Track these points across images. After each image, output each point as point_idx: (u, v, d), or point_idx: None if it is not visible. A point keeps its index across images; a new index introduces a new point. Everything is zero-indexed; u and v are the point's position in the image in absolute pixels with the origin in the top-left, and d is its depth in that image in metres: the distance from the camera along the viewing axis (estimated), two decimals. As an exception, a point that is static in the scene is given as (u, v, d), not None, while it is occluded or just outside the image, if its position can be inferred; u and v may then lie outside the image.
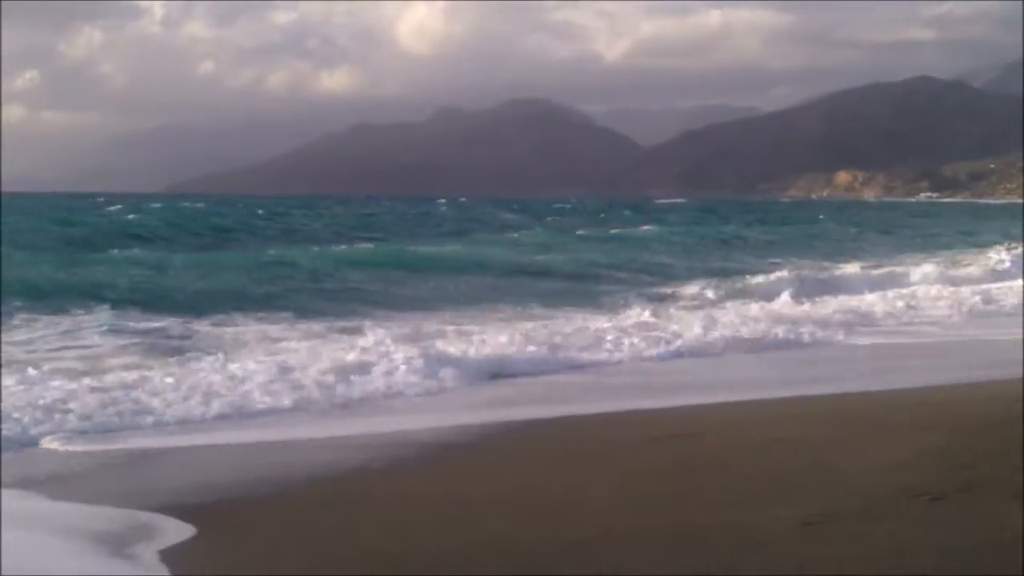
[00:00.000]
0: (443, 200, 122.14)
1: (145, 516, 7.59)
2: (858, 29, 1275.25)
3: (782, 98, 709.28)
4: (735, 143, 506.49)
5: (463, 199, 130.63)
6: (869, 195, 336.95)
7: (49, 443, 10.02)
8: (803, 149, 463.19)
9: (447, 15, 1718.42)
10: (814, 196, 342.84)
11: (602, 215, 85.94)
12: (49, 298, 20.67)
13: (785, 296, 23.81)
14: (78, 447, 9.93)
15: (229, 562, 6.68)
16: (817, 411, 11.52)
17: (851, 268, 33.89)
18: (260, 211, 74.42)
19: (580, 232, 53.62)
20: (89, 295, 21.22)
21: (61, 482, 8.70)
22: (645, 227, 58.63)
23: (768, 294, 25.01)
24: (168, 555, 6.70)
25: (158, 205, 75.20)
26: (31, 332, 17.28)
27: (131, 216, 56.96)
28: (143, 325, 18.10)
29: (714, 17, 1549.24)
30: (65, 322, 18.18)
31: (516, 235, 50.62)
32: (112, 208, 67.96)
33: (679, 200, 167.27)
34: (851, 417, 10.84)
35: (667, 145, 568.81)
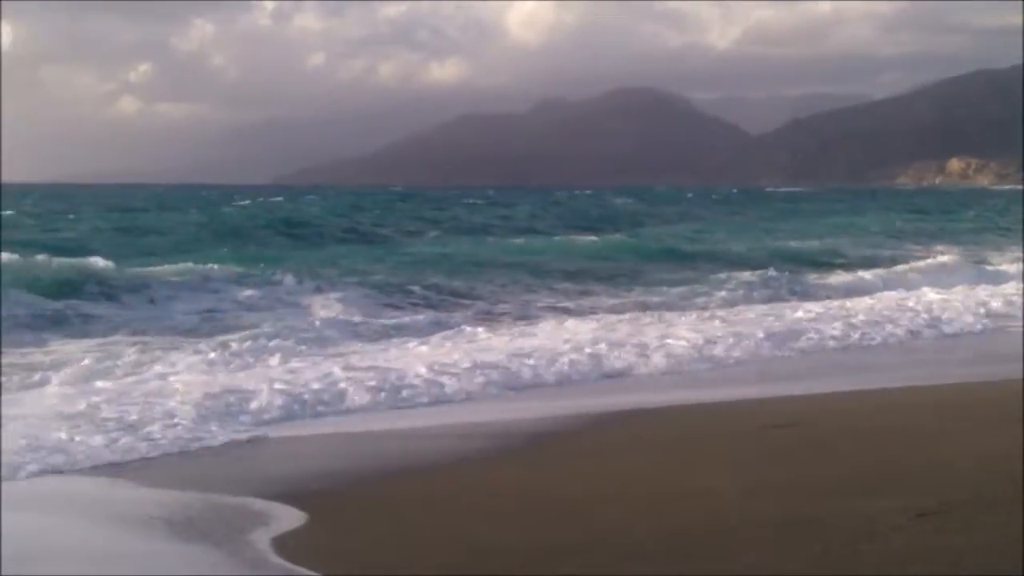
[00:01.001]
0: (561, 192, 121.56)
1: (259, 504, 7.66)
2: (969, 14, 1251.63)
3: (892, 85, 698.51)
4: (844, 131, 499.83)
5: (588, 191, 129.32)
6: (983, 183, 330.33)
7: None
8: (912, 136, 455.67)
9: (558, 5, 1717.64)
10: (925, 183, 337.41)
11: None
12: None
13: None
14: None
15: (339, 549, 6.74)
16: (926, 400, 11.37)
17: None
18: (402, 202, 74.96)
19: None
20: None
21: (175, 469, 8.86)
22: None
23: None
24: (280, 542, 6.75)
25: (279, 198, 76.04)
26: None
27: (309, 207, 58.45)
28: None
29: (825, 4, 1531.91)
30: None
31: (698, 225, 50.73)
32: (243, 202, 68.87)
33: (795, 189, 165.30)
34: (957, 406, 10.69)
35: (775, 134, 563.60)
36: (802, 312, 19.48)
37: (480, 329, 17.42)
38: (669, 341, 15.64)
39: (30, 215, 52.28)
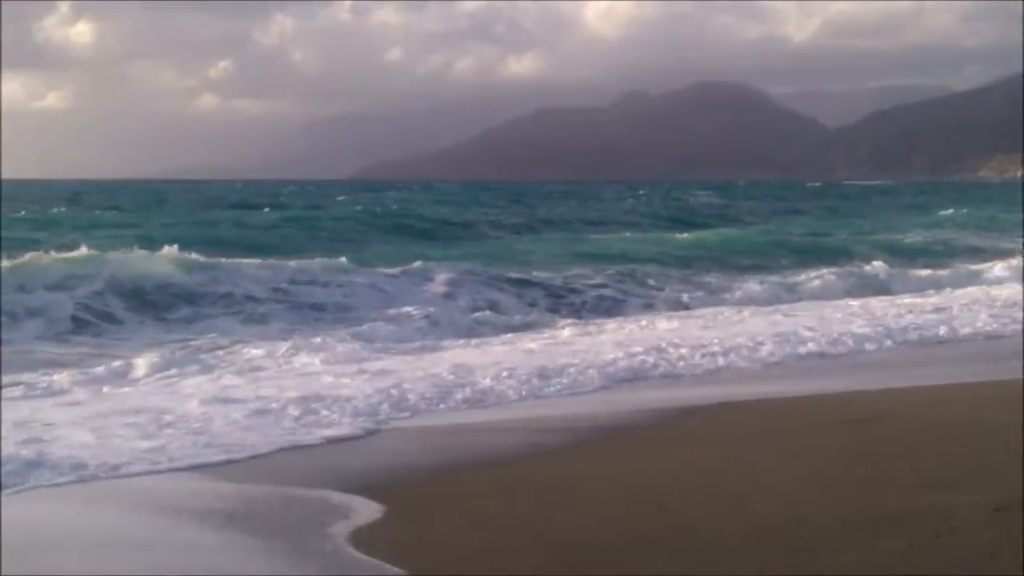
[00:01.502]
0: (642, 186, 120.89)
1: (338, 497, 7.72)
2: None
3: (975, 77, 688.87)
4: (925, 123, 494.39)
5: (667, 183, 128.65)
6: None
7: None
8: (994, 129, 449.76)
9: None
10: (1007, 176, 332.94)
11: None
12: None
13: None
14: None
15: (417, 543, 6.73)
16: (1003, 396, 11.13)
17: None
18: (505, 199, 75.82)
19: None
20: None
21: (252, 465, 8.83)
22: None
23: None
24: (358, 536, 6.79)
25: (342, 197, 77.17)
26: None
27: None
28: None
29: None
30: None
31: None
32: (341, 198, 70.34)
33: (877, 182, 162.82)
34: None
35: (854, 127, 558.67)
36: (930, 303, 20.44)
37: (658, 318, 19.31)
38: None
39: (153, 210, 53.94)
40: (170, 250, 22.45)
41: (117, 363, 13.59)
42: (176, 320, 18.74)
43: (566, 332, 17.23)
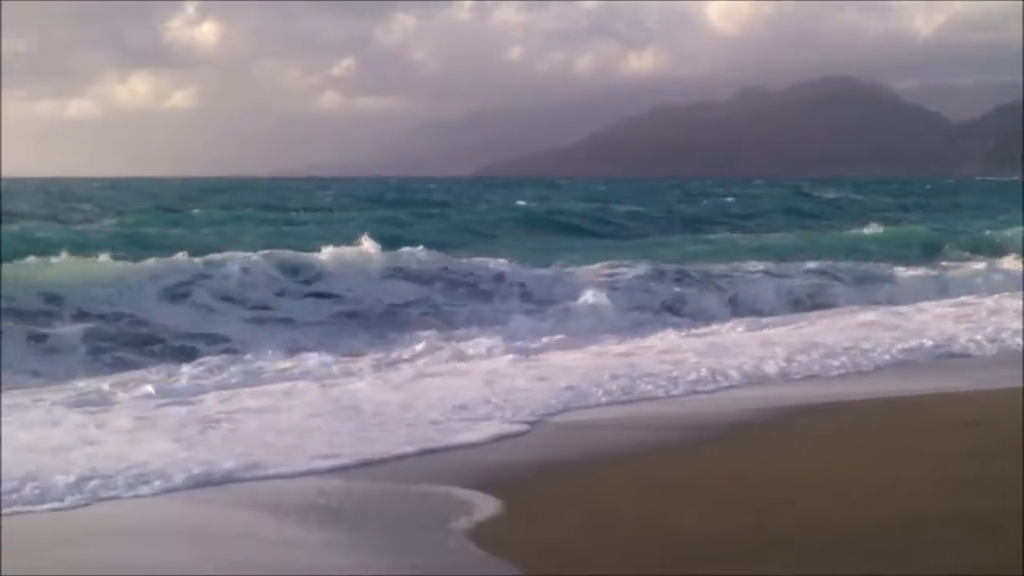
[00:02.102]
0: (760, 180, 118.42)
1: (462, 493, 7.81)
2: None
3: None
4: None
5: (788, 180, 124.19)
6: None
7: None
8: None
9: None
10: None
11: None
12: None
13: None
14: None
15: (537, 539, 6.81)
16: None
17: None
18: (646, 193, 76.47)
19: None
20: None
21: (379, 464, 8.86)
22: None
23: None
24: (480, 532, 6.91)
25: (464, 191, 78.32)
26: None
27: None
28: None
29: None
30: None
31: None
32: (490, 197, 70.32)
33: (1009, 178, 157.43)
34: None
35: (980, 121, 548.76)
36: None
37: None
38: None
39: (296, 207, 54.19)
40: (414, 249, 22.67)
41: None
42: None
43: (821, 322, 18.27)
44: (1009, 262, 28.34)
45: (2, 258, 18.64)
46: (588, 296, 19.98)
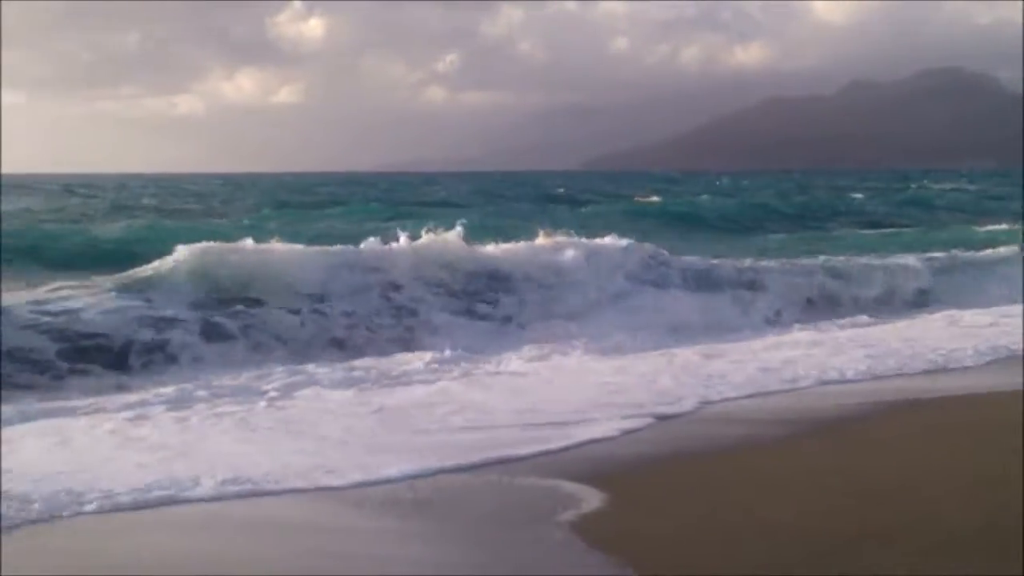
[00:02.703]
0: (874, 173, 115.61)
1: (568, 487, 7.87)
2: None
3: None
4: None
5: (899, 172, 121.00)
6: None
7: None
8: None
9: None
10: None
11: None
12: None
13: None
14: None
15: (641, 532, 6.89)
16: None
17: None
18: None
19: None
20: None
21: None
22: None
23: None
24: (584, 525, 6.98)
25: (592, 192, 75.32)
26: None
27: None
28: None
29: None
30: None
31: None
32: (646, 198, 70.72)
33: None
34: None
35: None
36: None
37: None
38: None
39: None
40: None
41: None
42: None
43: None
44: None
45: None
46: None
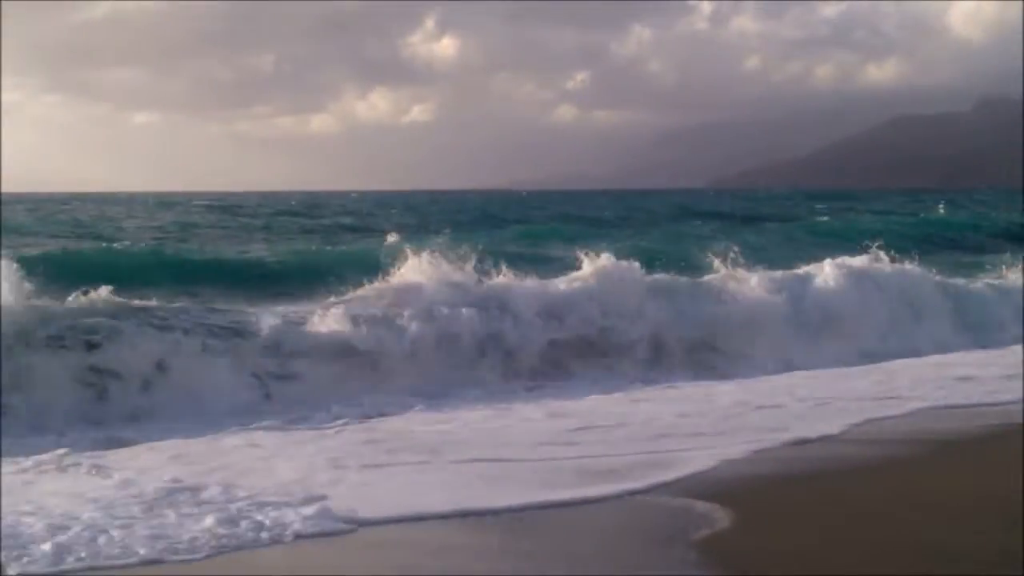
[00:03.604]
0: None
1: (700, 506, 8.02)
2: None
3: None
4: None
5: None
6: None
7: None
8: None
9: (1001, 3, 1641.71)
10: None
11: None
12: None
13: None
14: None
15: (771, 550, 7.04)
16: None
17: None
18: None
19: None
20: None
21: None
22: None
23: None
24: (710, 545, 7.10)
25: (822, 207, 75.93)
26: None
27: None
28: None
29: None
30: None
31: None
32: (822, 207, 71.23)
33: None
34: None
35: None
36: None
37: None
38: None
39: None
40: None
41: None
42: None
43: None
44: None
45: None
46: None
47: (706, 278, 20.10)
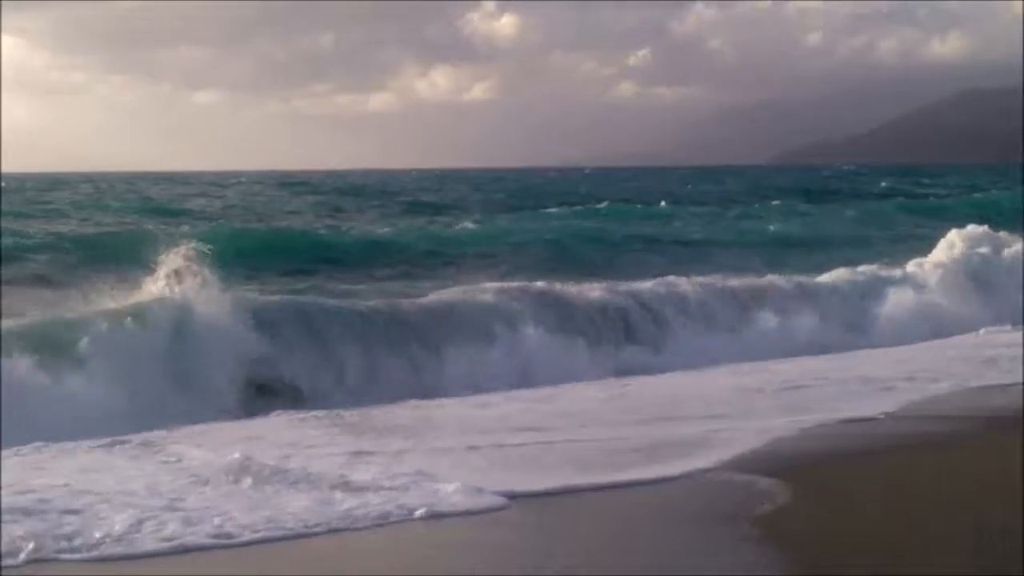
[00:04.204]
0: None
1: (764, 482, 8.12)
2: None
3: None
4: None
5: None
6: None
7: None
8: None
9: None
10: None
11: None
12: None
13: None
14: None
15: (822, 531, 7.11)
16: None
17: None
18: None
19: None
20: None
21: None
22: None
23: None
24: (771, 521, 7.18)
25: (884, 183, 76.52)
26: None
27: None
28: None
29: None
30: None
31: None
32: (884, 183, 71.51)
33: None
34: None
35: None
36: None
37: None
38: None
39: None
40: None
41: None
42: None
43: None
44: None
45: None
46: None
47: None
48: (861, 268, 23.97)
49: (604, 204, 52.81)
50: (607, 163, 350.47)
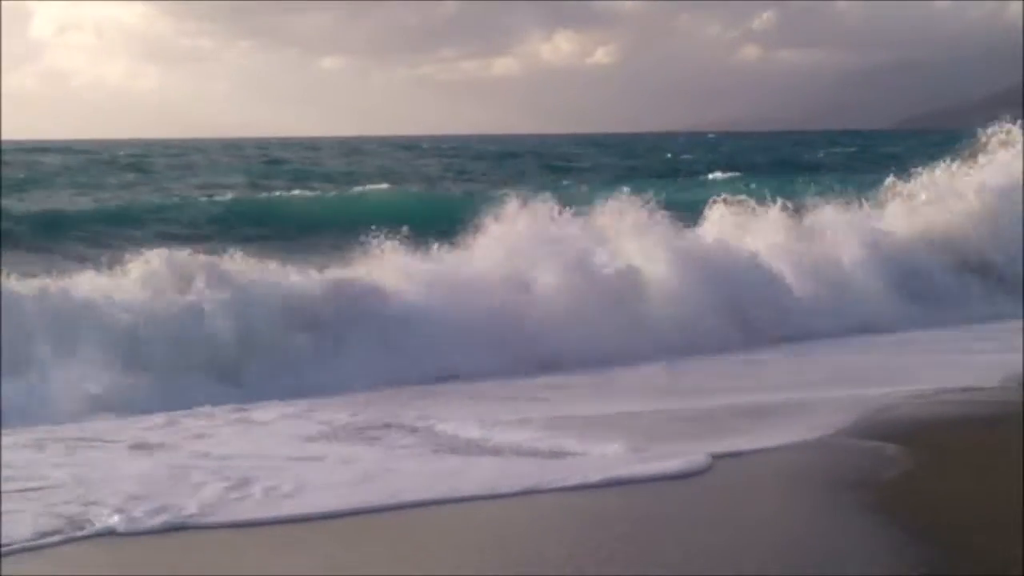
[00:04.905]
0: None
1: (891, 449, 8.09)
2: None
3: None
4: None
5: None
6: None
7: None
8: None
9: None
10: None
11: None
12: None
13: None
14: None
15: (940, 487, 7.23)
16: None
17: None
18: None
19: None
20: None
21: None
22: None
23: None
24: (893, 488, 7.23)
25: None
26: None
27: None
28: None
29: None
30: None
31: None
32: None
33: None
34: None
35: None
36: None
37: None
38: None
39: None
40: None
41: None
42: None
43: None
44: None
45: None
46: None
47: None
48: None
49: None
50: (735, 127, 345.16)
